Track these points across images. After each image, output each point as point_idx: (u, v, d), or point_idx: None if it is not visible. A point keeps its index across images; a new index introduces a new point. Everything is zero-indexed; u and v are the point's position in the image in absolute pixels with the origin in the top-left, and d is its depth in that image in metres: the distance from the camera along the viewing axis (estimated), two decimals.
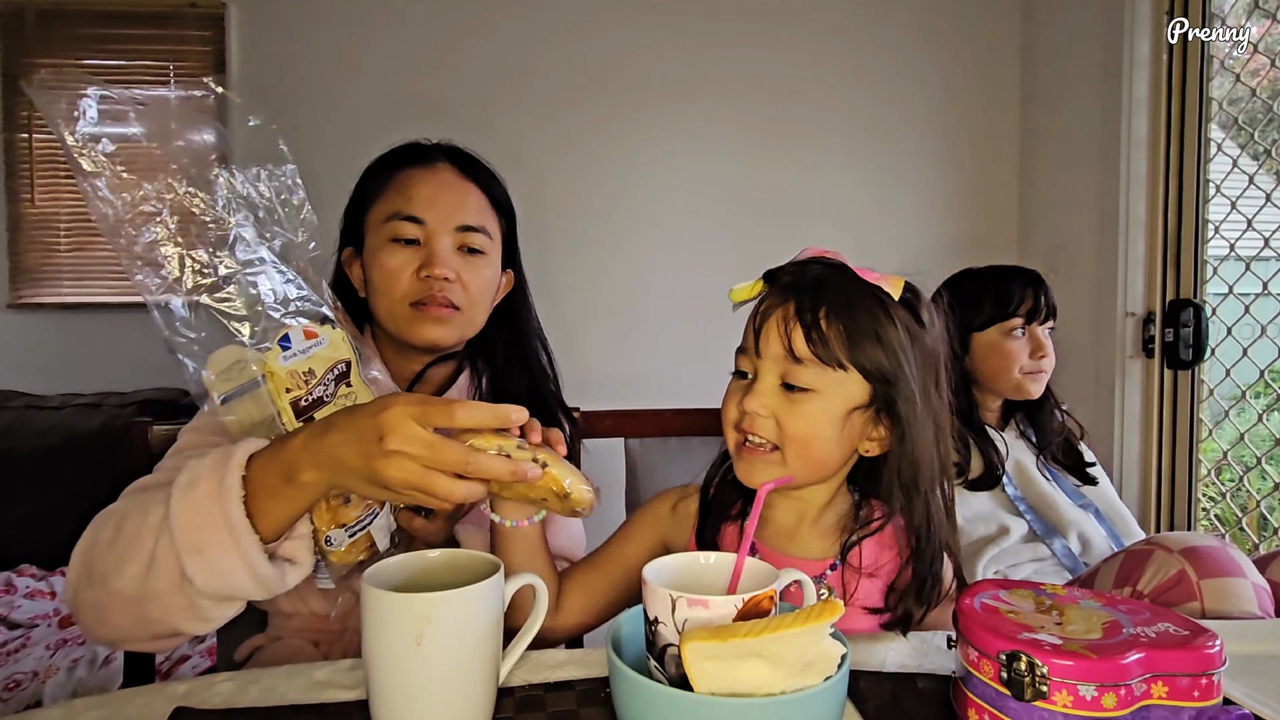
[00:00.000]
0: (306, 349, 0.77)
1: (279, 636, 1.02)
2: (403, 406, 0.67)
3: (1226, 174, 2.07)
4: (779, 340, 0.78)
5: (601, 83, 2.68)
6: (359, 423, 0.68)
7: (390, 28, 2.64)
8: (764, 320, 0.80)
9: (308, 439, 0.71)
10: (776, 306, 0.80)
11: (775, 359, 0.79)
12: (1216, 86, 2.11)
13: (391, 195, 1.05)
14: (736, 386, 0.83)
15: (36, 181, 2.63)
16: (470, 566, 0.67)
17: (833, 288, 0.79)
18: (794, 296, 0.79)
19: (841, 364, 0.77)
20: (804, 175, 2.74)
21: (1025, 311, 1.47)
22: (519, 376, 1.14)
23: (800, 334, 0.77)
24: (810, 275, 0.80)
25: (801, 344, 0.77)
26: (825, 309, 0.77)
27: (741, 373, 0.83)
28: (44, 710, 0.65)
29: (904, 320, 0.80)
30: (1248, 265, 2.00)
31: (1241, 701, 0.63)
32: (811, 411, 0.78)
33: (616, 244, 2.71)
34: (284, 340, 0.76)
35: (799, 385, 0.78)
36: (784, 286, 0.81)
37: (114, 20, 2.64)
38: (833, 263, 0.82)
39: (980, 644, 0.59)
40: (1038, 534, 1.39)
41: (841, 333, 0.77)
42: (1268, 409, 1.97)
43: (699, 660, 0.55)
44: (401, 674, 0.59)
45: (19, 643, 1.83)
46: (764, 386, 0.79)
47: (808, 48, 2.72)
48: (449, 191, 1.06)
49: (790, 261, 0.83)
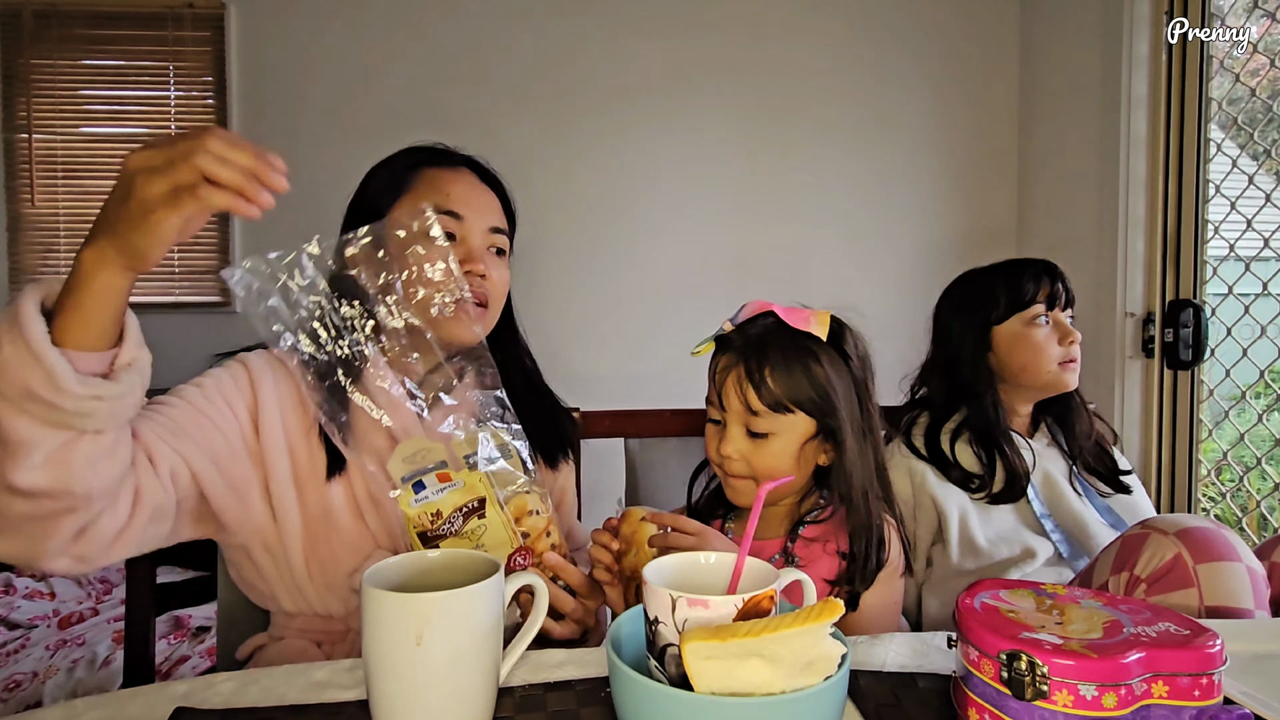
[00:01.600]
0: (440, 491, 0.84)
1: (281, 636, 1.01)
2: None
3: (1226, 174, 2.07)
4: (737, 398, 0.96)
5: (601, 85, 2.68)
6: None
7: (389, 28, 2.64)
8: (723, 382, 0.98)
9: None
10: (731, 369, 0.97)
11: (737, 413, 0.97)
12: (1216, 86, 2.11)
13: (423, 190, 1.05)
14: (713, 432, 1.02)
15: (36, 182, 2.63)
16: (470, 566, 0.67)
17: (771, 345, 0.95)
18: (742, 360, 0.96)
19: (788, 408, 0.95)
20: (803, 176, 2.74)
21: (1044, 298, 1.40)
22: (516, 374, 1.16)
23: (752, 391, 0.95)
24: (752, 336, 0.97)
25: (755, 399, 0.95)
26: (769, 367, 0.94)
27: (714, 420, 1.01)
28: (45, 710, 0.65)
29: (830, 357, 0.97)
30: (1247, 265, 2.00)
31: (1242, 701, 0.63)
32: (773, 451, 0.97)
33: (616, 245, 2.71)
34: (418, 485, 0.83)
35: (759, 432, 0.96)
36: (734, 349, 0.98)
37: (112, 20, 2.64)
38: (768, 317, 0.98)
39: (981, 643, 0.59)
40: (1064, 556, 1.32)
41: (784, 384, 0.94)
42: (1268, 409, 1.97)
43: (699, 660, 0.55)
44: (401, 674, 0.59)
45: (18, 643, 1.83)
46: (732, 436, 0.98)
47: (807, 49, 2.72)
48: (478, 192, 1.09)
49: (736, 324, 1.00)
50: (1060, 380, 1.41)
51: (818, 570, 0.99)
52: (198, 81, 2.66)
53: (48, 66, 2.64)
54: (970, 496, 1.37)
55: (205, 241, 2.64)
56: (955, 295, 1.50)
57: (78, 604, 2.06)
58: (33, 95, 2.63)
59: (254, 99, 2.63)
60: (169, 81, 2.66)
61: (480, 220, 1.07)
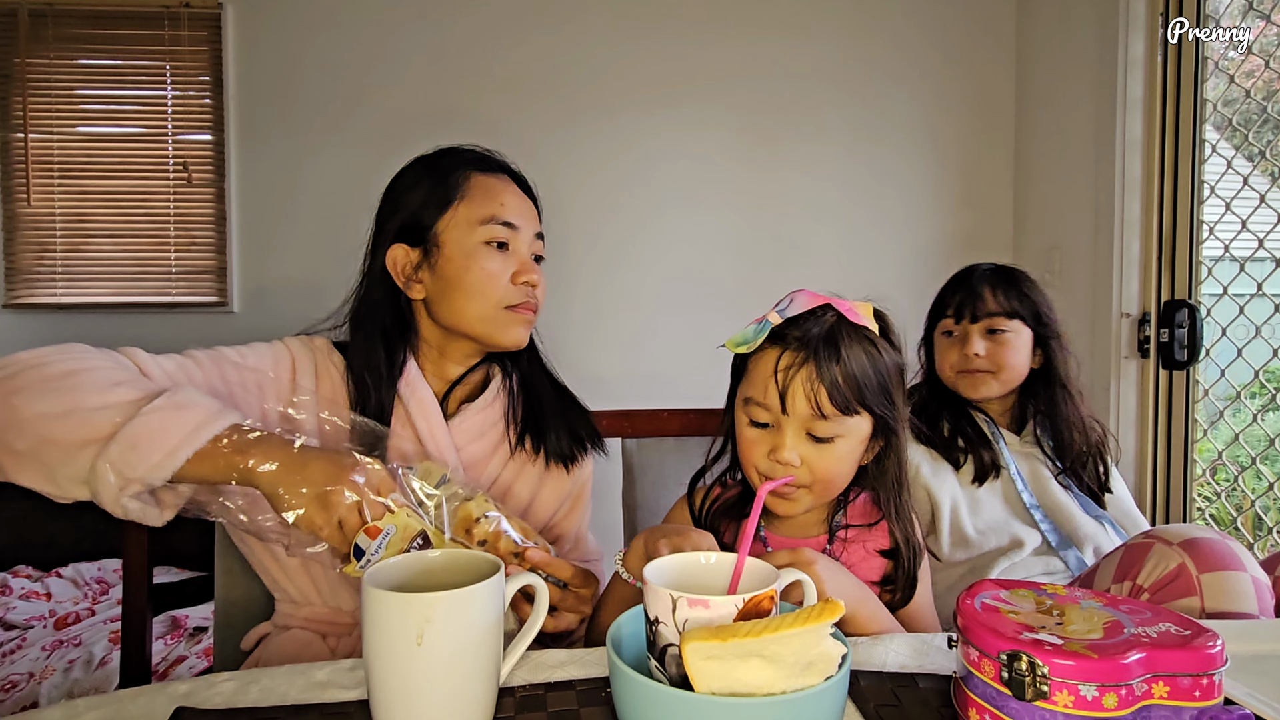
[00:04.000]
0: (378, 548, 0.80)
1: (287, 626, 1.02)
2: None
3: (1221, 175, 2.08)
4: (805, 401, 0.85)
5: (600, 85, 2.68)
6: (341, 459, 0.81)
7: (386, 28, 2.64)
8: (788, 381, 0.86)
9: (291, 452, 0.80)
10: (797, 368, 0.86)
11: (802, 417, 0.86)
12: (1211, 88, 2.11)
13: (479, 198, 1.05)
14: (758, 437, 0.90)
15: (32, 181, 2.62)
16: (470, 566, 0.66)
17: (839, 342, 0.86)
18: (812, 358, 0.85)
19: (856, 410, 0.87)
20: (800, 176, 2.74)
21: (952, 310, 1.46)
22: (542, 376, 1.17)
23: (825, 395, 0.85)
24: (818, 332, 0.86)
25: (828, 404, 0.85)
26: (840, 367, 0.85)
27: (761, 423, 0.89)
28: (45, 710, 0.65)
29: (887, 351, 0.90)
30: (1242, 266, 2.01)
31: (1242, 701, 0.63)
32: (838, 454, 0.88)
33: (614, 245, 2.71)
34: (357, 551, 0.80)
35: (823, 436, 0.87)
36: (797, 345, 0.86)
37: (108, 20, 2.63)
38: (826, 311, 0.89)
39: (981, 644, 0.59)
40: (1052, 545, 1.33)
41: (855, 385, 0.85)
42: (1262, 409, 1.97)
43: (699, 660, 0.55)
44: (401, 674, 0.59)
45: (14, 644, 1.82)
46: (793, 442, 0.87)
47: (806, 51, 2.73)
48: (522, 199, 1.10)
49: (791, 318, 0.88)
50: (958, 387, 1.45)
51: (863, 572, 0.94)
52: (194, 81, 2.65)
53: (44, 66, 2.63)
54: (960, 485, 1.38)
55: (203, 242, 2.63)
56: None
57: (74, 604, 2.05)
58: (29, 94, 2.62)
59: (251, 99, 2.63)
60: (165, 81, 2.65)
61: (529, 228, 1.08)
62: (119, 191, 2.65)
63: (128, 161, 2.66)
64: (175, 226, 2.65)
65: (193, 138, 2.66)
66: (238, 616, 1.11)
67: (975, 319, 1.43)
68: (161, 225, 2.65)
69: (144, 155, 2.66)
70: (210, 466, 0.78)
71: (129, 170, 2.66)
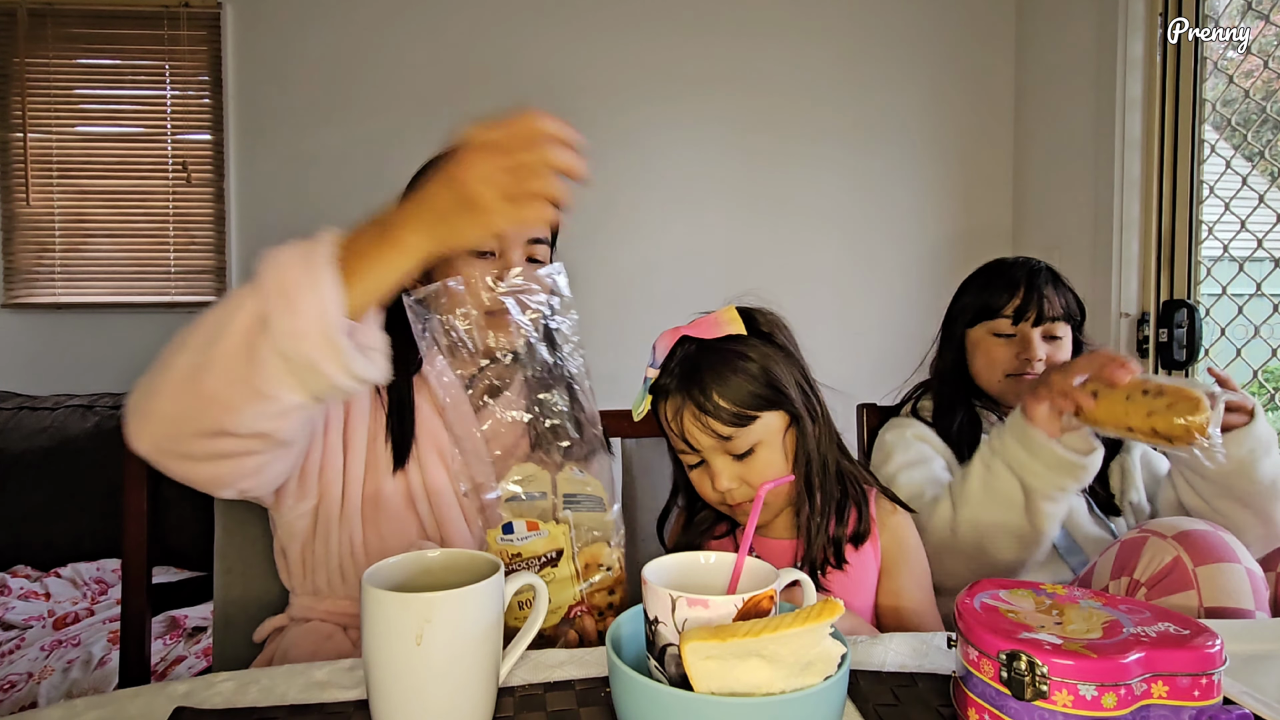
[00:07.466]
0: (525, 538, 0.87)
1: (306, 618, 1.01)
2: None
3: (1220, 175, 2.08)
4: (703, 434, 0.90)
5: (599, 86, 2.69)
6: (443, 173, 0.73)
7: (385, 28, 2.64)
8: (682, 426, 0.92)
9: (402, 204, 0.74)
10: (681, 410, 0.91)
11: (712, 447, 0.91)
12: (1210, 88, 2.12)
13: None
14: (699, 476, 0.96)
15: (31, 181, 2.62)
16: (470, 566, 0.66)
17: (702, 366, 0.90)
18: (686, 396, 0.91)
19: (751, 416, 0.90)
20: (799, 175, 2.74)
21: (1013, 310, 1.35)
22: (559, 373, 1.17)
23: (715, 421, 0.89)
24: (680, 370, 0.92)
25: (723, 427, 0.89)
26: (715, 389, 0.89)
27: (694, 464, 0.96)
28: (45, 710, 0.65)
29: (754, 346, 0.92)
30: (1241, 266, 2.01)
31: (1242, 701, 0.63)
32: (765, 460, 0.92)
33: (613, 245, 2.71)
34: (507, 526, 0.86)
35: (742, 452, 0.91)
36: (673, 390, 0.92)
37: (107, 19, 2.63)
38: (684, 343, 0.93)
39: (980, 643, 0.59)
40: (1059, 551, 1.30)
41: (734, 395, 0.89)
42: (1261, 409, 1.97)
43: (699, 660, 0.55)
44: (401, 674, 0.59)
45: (13, 644, 1.82)
46: (721, 469, 0.92)
47: (805, 51, 2.73)
48: None
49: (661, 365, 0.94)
50: (1004, 392, 1.37)
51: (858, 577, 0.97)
52: (194, 81, 2.65)
53: (43, 65, 2.63)
54: None
55: (202, 241, 2.63)
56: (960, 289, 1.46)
57: (73, 604, 2.05)
58: (28, 94, 2.62)
59: (250, 98, 2.62)
60: (165, 80, 2.65)
61: (520, 235, 1.14)
62: (118, 191, 2.66)
63: (127, 161, 2.66)
64: (174, 226, 2.65)
65: (192, 137, 2.66)
66: (237, 616, 1.11)
67: (1038, 322, 1.35)
68: (161, 225, 2.65)
69: (143, 155, 2.66)
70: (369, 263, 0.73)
71: (128, 170, 2.66)
